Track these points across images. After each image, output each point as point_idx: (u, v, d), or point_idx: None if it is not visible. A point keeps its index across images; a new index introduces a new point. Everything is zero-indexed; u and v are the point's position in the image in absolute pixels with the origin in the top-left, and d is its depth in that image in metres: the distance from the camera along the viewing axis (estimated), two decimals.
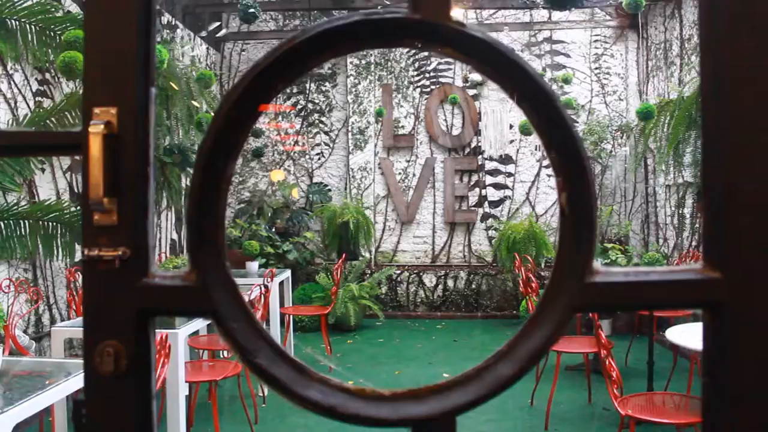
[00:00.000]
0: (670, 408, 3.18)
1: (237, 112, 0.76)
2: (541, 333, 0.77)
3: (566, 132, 0.73)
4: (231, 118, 0.76)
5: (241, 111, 0.76)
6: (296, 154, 9.14)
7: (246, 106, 0.76)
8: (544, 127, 0.74)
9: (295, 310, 6.74)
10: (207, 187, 0.78)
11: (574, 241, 0.75)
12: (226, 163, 0.78)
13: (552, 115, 0.74)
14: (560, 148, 0.75)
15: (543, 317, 0.78)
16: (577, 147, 0.73)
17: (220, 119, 0.76)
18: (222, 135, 0.76)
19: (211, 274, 0.80)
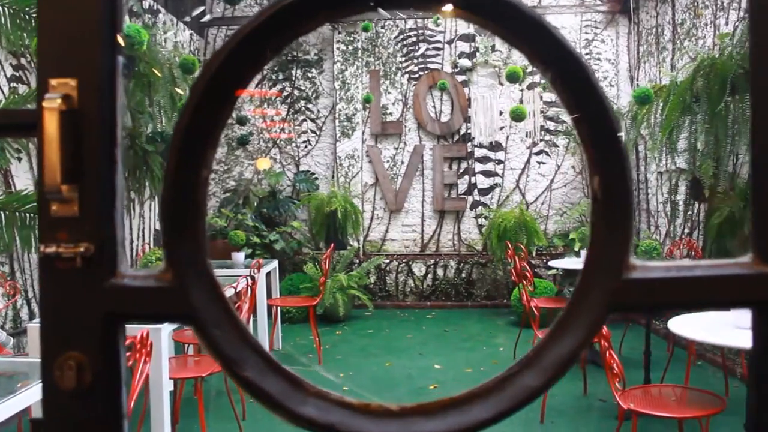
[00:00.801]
0: (672, 401, 3.09)
1: (220, 82, 0.65)
2: (571, 337, 0.66)
3: (599, 104, 0.63)
4: (213, 89, 0.65)
5: (225, 81, 0.65)
6: (282, 142, 9.00)
7: (231, 75, 0.65)
8: (573, 98, 0.63)
9: (283, 301, 6.63)
10: (185, 170, 0.67)
11: (609, 231, 0.65)
12: (206, 141, 0.67)
13: (582, 85, 0.64)
14: (592, 122, 0.64)
15: (573, 319, 0.67)
16: (611, 122, 0.63)
17: (200, 90, 0.65)
18: (203, 109, 0.65)
19: (189, 273, 0.69)
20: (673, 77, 6.26)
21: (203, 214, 0.69)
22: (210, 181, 4.56)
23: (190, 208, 0.68)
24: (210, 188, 8.86)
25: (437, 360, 5.91)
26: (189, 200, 0.68)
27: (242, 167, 9.03)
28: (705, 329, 3.04)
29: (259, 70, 0.66)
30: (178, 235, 0.68)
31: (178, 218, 0.68)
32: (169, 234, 0.68)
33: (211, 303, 0.70)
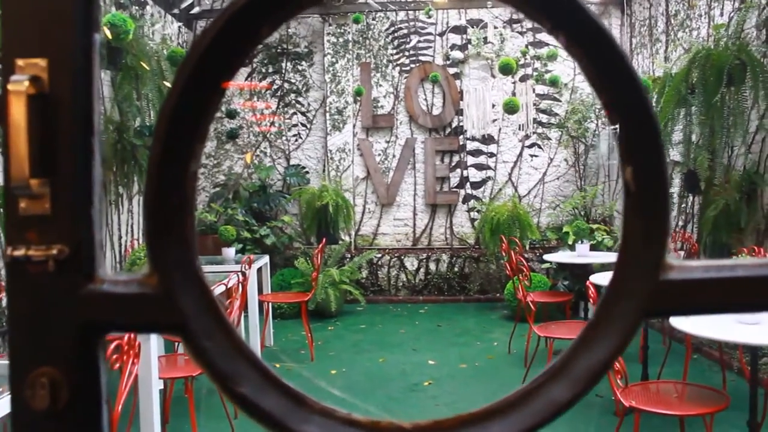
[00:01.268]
0: (674, 398, 3.04)
1: (210, 63, 0.57)
2: (603, 345, 0.60)
3: (632, 86, 0.56)
4: (202, 71, 0.57)
5: (215, 62, 0.57)
6: (272, 136, 8.90)
7: (221, 55, 0.57)
8: (601, 78, 0.56)
9: (274, 297, 6.54)
10: (171, 162, 0.60)
11: (644, 227, 0.58)
12: (195, 129, 0.59)
13: (612, 64, 0.57)
14: (623, 105, 0.57)
15: (605, 325, 0.60)
16: (646, 105, 0.56)
17: (188, 72, 0.57)
18: (191, 93, 0.58)
19: (177, 277, 0.61)
20: (667, 69, 6.21)
21: (192, 212, 0.62)
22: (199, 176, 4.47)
23: (177, 205, 0.61)
24: (199, 183, 8.77)
25: (431, 355, 5.84)
26: (176, 196, 0.61)
27: (232, 161, 8.93)
28: (707, 325, 2.98)
29: (255, 47, 0.58)
30: (164, 234, 0.61)
31: (164, 216, 0.60)
32: (154, 234, 0.61)
33: (201, 311, 0.63)
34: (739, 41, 5.36)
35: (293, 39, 8.83)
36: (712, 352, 5.47)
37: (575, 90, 8.53)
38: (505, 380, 5.10)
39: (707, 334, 2.92)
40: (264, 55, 8.84)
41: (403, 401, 4.69)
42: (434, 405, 4.61)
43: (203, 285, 0.62)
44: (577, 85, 8.55)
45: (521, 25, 8.59)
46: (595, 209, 8.16)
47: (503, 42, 8.42)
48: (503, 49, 8.39)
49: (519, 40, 8.53)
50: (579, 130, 8.39)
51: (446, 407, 4.56)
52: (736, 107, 5.23)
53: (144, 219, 0.59)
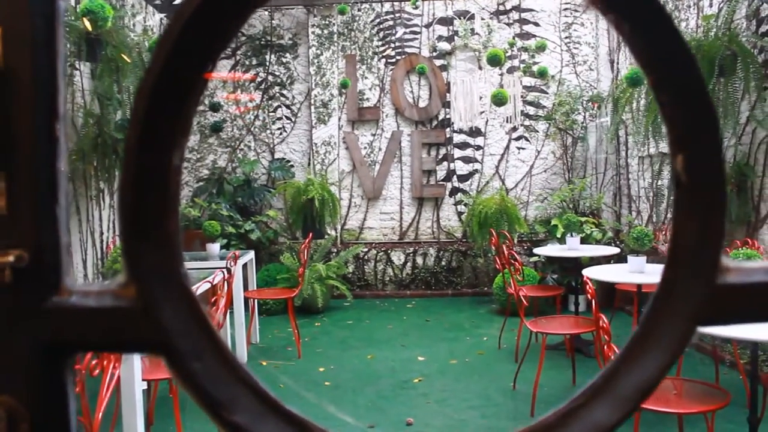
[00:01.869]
0: (672, 394, 2.97)
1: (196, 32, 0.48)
2: (651, 359, 0.52)
3: (686, 63, 0.47)
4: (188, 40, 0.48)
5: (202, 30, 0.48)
6: (257, 129, 8.78)
7: (207, 31, 0.48)
8: (653, 55, 0.47)
9: (260, 293, 6.44)
10: (152, 147, 0.51)
11: (698, 224, 0.49)
12: (180, 110, 0.50)
13: (665, 39, 0.48)
14: (676, 86, 0.49)
15: (653, 337, 0.53)
16: (700, 85, 0.47)
17: (172, 40, 0.48)
18: (175, 68, 0.49)
19: (158, 287, 0.52)
20: None
21: (176, 210, 0.52)
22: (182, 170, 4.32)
23: (158, 201, 0.51)
24: (183, 177, 8.64)
25: (420, 351, 5.76)
26: (157, 190, 0.51)
27: (216, 155, 8.80)
28: None
29: (242, 22, 0.49)
30: (143, 237, 0.52)
31: (143, 214, 0.51)
32: (131, 236, 0.51)
33: (187, 326, 0.54)
34: (729, 32, 5.31)
35: (277, 31, 8.71)
36: (704, 345, 5.43)
37: (562, 82, 8.47)
38: (496, 376, 5.03)
39: (715, 332, 2.85)
40: (247, 47, 8.70)
41: (394, 399, 4.60)
42: (425, 402, 4.52)
43: (190, 296, 0.54)
44: (564, 77, 8.49)
45: (508, 17, 8.51)
46: (583, 202, 8.11)
47: (490, 33, 8.34)
48: (490, 41, 8.30)
49: (506, 31, 8.46)
50: (567, 123, 8.33)
51: (437, 404, 4.47)
52: (726, 98, 5.18)
53: (119, 218, 0.50)
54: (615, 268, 4.73)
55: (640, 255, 4.23)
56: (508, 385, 4.76)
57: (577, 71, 8.53)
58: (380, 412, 4.37)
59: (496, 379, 4.95)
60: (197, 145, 8.78)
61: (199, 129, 8.73)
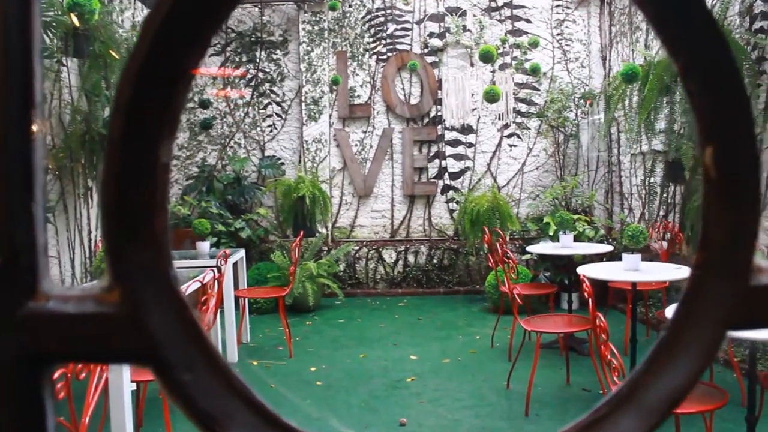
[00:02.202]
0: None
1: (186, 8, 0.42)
2: (680, 366, 0.45)
3: (718, 46, 0.42)
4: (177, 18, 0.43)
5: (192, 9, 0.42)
6: (247, 127, 8.71)
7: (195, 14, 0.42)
8: (681, 37, 0.42)
9: (251, 292, 6.38)
10: (138, 136, 0.45)
11: (730, 221, 0.44)
12: (169, 98, 0.45)
13: (694, 19, 0.43)
14: (707, 71, 0.43)
15: (682, 342, 0.46)
16: (733, 70, 0.41)
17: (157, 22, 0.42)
18: (164, 50, 0.43)
19: (145, 291, 0.46)
20: (650, 56, 6.13)
21: (165, 207, 0.46)
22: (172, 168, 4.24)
23: (145, 198, 0.45)
24: (172, 175, 8.56)
25: (413, 350, 5.72)
26: (144, 187, 0.45)
27: (205, 153, 8.72)
28: None
29: (236, 4, 0.43)
30: (128, 236, 0.46)
31: (129, 212, 0.45)
32: (115, 235, 0.46)
33: (177, 334, 0.47)
34: (723, 27, 5.28)
35: (267, 27, 8.64)
36: None
37: (554, 79, 8.44)
38: (489, 375, 4.99)
39: None
40: (237, 44, 8.63)
41: (387, 399, 4.55)
42: (418, 402, 4.48)
43: (179, 301, 0.48)
44: (556, 74, 8.46)
45: (500, 13, 8.47)
46: (575, 200, 8.09)
47: (482, 30, 8.30)
48: (482, 37, 8.26)
49: (498, 27, 8.42)
50: (558, 120, 8.31)
51: (431, 404, 4.43)
52: None
53: (101, 215, 0.44)
54: (609, 265, 4.70)
55: (635, 253, 4.20)
56: (502, 384, 4.73)
57: (569, 68, 8.51)
58: (373, 412, 4.33)
59: (490, 378, 4.91)
60: (187, 142, 8.70)
61: (189, 126, 8.66)
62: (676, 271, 4.19)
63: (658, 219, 6.71)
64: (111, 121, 0.46)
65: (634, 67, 5.29)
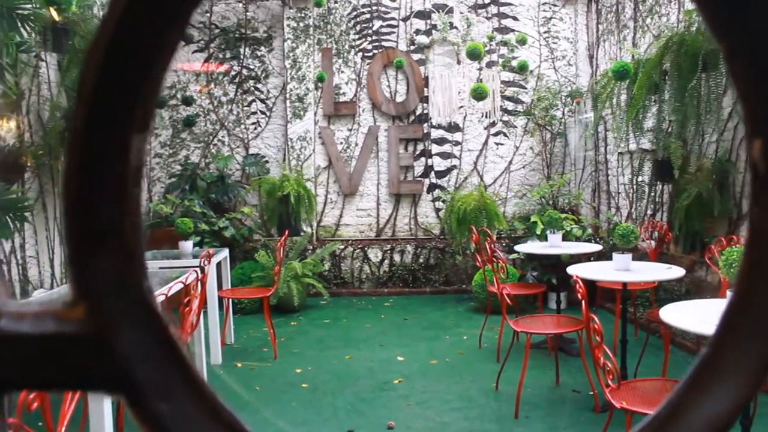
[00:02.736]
0: (665, 397, 2.88)
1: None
2: (725, 388, 0.38)
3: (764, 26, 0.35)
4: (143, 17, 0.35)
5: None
6: (231, 124, 8.60)
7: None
8: (728, 20, 0.35)
9: (235, 292, 6.27)
10: (106, 127, 0.37)
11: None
12: (142, 81, 0.37)
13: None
14: (754, 57, 0.36)
15: (727, 361, 0.38)
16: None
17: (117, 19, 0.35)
18: (133, 27, 0.36)
19: (115, 306, 0.37)
20: (638, 54, 6.09)
21: (137, 208, 0.39)
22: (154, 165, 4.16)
23: (115, 197, 0.37)
24: (154, 173, 8.46)
25: (399, 351, 5.64)
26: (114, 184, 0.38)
27: (188, 150, 8.60)
28: (701, 320, 2.83)
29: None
30: (95, 241, 0.38)
31: (96, 213, 0.37)
32: (79, 240, 0.38)
33: (153, 356, 0.40)
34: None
35: (252, 23, 8.53)
36: (685, 343, 5.39)
37: (541, 77, 8.40)
38: (478, 376, 4.92)
39: (701, 330, 2.77)
40: (221, 40, 8.52)
41: (374, 401, 4.47)
42: (406, 405, 4.40)
43: (156, 317, 0.40)
44: (543, 72, 8.43)
45: (487, 11, 8.42)
46: (562, 198, 8.05)
47: (469, 27, 8.23)
48: (469, 35, 8.20)
49: (485, 25, 8.37)
50: (546, 118, 8.27)
51: (418, 407, 4.35)
52: (709, 93, 5.12)
53: (63, 219, 0.37)
54: (600, 265, 4.64)
55: (625, 252, 4.15)
56: (491, 385, 4.66)
57: (556, 66, 8.47)
58: (360, 415, 4.24)
59: (478, 380, 4.84)
60: (169, 140, 8.58)
61: (172, 123, 8.54)
62: (667, 271, 4.14)
63: (646, 218, 6.69)
64: (75, 107, 0.39)
65: (626, 65, 5.24)
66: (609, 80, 5.91)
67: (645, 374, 4.53)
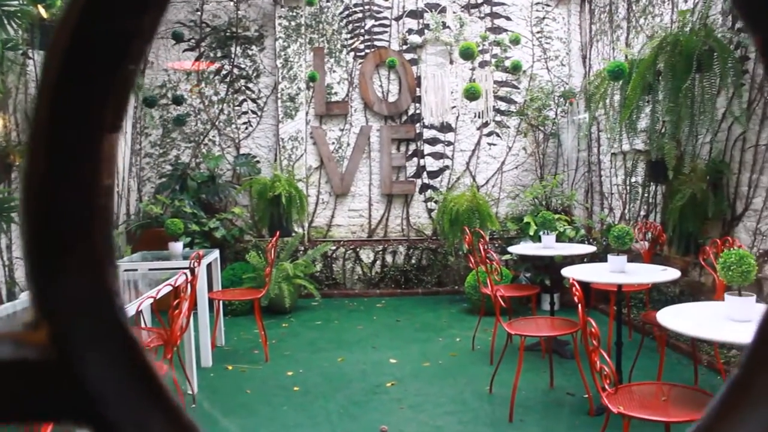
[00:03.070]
0: (661, 401, 2.84)
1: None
2: (759, 414, 0.38)
3: None
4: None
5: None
6: (221, 124, 8.53)
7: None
8: (762, 12, 0.30)
9: (226, 294, 6.20)
10: (72, 123, 0.32)
11: None
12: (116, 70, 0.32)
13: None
14: None
15: (762, 383, 0.34)
16: None
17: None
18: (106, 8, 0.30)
19: (82, 328, 0.33)
20: (632, 55, 6.07)
21: (108, 216, 0.33)
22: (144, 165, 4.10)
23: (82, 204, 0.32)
24: (144, 173, 8.37)
25: (392, 353, 5.59)
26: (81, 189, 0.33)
27: (179, 150, 8.53)
28: (699, 323, 2.79)
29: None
30: (60, 255, 0.33)
31: (60, 223, 0.32)
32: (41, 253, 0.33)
33: (125, 385, 0.35)
34: (706, 27, 5.23)
35: (243, 22, 8.47)
36: (679, 344, 5.36)
37: (534, 77, 8.37)
38: (471, 379, 4.87)
39: (699, 334, 2.73)
40: (212, 39, 8.45)
41: (366, 405, 4.41)
42: (399, 408, 4.34)
43: (128, 340, 0.36)
44: (536, 72, 8.39)
45: (479, 10, 8.38)
46: (555, 199, 8.02)
47: (462, 27, 8.19)
48: (462, 34, 8.16)
49: (478, 24, 8.33)
50: (539, 119, 8.23)
51: (411, 410, 4.30)
52: (703, 94, 5.09)
53: (23, 226, 0.32)
54: (594, 267, 4.60)
55: (620, 254, 4.11)
56: (484, 388, 4.61)
57: (549, 66, 8.44)
58: (352, 419, 4.19)
59: (472, 383, 4.79)
60: (160, 139, 8.51)
61: (162, 123, 8.46)
62: (663, 273, 4.11)
63: (639, 219, 6.66)
64: (36, 102, 0.34)
65: (621, 64, 5.20)
66: (603, 80, 5.88)
67: (640, 377, 4.49)
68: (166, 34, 8.16)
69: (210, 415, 4.29)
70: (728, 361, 4.77)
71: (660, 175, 5.82)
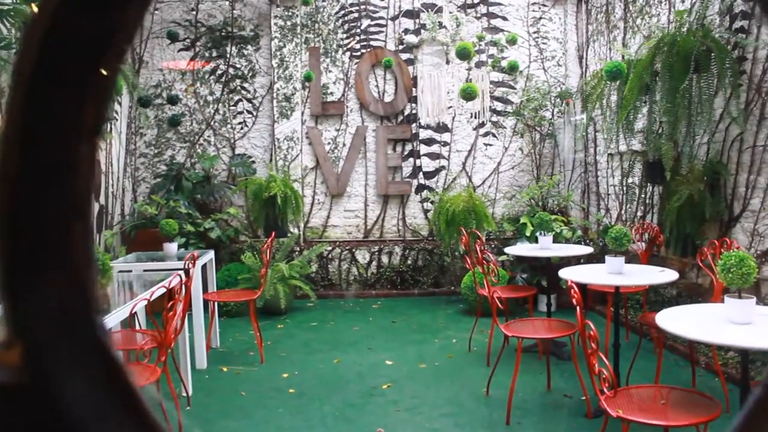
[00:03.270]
0: (660, 404, 2.82)
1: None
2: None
3: None
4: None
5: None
6: (217, 124, 8.49)
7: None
8: None
9: (221, 295, 6.16)
10: (46, 126, 0.28)
11: None
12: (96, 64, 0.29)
13: None
14: None
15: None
16: None
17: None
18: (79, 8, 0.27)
19: (58, 348, 0.28)
20: (629, 55, 6.05)
21: (86, 224, 0.30)
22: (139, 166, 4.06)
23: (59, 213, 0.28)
24: (139, 173, 8.31)
25: (388, 355, 5.56)
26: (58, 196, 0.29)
27: (174, 150, 8.49)
28: (697, 325, 2.77)
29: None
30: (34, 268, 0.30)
31: (35, 234, 0.28)
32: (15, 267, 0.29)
33: (105, 409, 0.32)
34: (703, 28, 5.22)
35: (238, 22, 8.43)
36: (678, 346, 5.34)
37: (530, 77, 8.35)
38: (468, 381, 4.84)
39: (698, 337, 2.71)
40: (207, 39, 8.41)
41: (362, 407, 4.38)
42: (395, 410, 4.31)
43: (110, 361, 0.33)
44: (532, 72, 8.37)
45: (476, 10, 8.36)
46: (551, 200, 7.99)
47: (458, 27, 8.16)
48: (458, 34, 8.13)
49: (474, 24, 8.31)
50: (535, 119, 8.21)
51: (407, 413, 4.27)
52: (700, 94, 5.07)
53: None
54: (592, 268, 4.57)
55: (618, 255, 4.09)
56: (481, 390, 4.58)
57: (545, 67, 8.42)
58: (348, 422, 4.16)
59: (468, 384, 4.76)
60: (154, 139, 8.46)
61: (157, 123, 8.42)
62: (661, 274, 4.09)
63: (636, 220, 6.64)
64: (8, 99, 0.31)
65: (619, 65, 5.19)
66: (599, 81, 5.86)
67: (637, 378, 4.48)
68: (161, 34, 8.12)
69: (205, 417, 4.25)
70: (726, 363, 4.75)
71: (657, 176, 5.80)
